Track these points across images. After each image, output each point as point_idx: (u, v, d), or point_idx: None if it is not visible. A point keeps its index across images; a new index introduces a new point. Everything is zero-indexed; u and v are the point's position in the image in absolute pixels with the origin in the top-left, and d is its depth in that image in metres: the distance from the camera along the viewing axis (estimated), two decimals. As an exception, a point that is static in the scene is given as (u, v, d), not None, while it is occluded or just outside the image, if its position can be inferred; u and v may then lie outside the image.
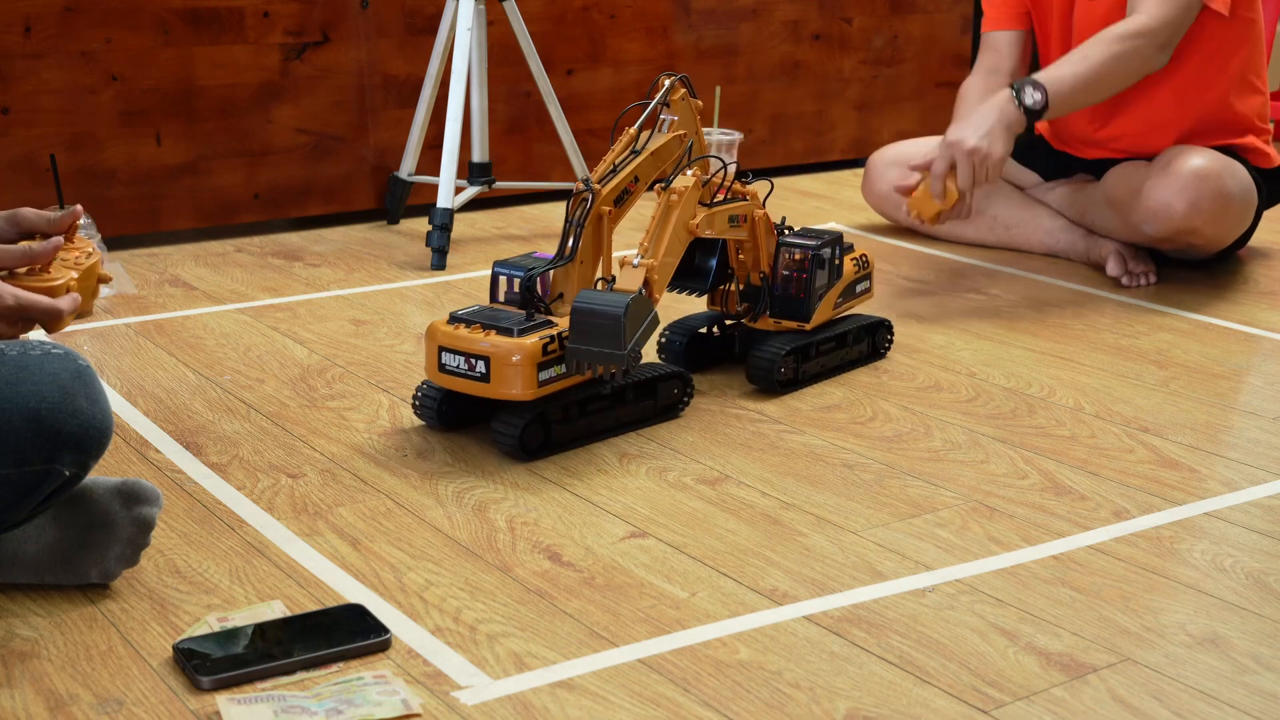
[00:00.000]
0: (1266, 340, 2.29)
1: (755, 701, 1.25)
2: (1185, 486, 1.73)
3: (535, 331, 1.73)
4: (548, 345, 1.73)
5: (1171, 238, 2.50)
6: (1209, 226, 2.47)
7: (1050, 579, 1.49)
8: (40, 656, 1.31)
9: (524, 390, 1.72)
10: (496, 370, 1.72)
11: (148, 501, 1.40)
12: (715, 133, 2.95)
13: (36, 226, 1.47)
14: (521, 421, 1.74)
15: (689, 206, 1.83)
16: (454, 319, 1.78)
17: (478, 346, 1.73)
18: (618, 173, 1.84)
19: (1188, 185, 2.42)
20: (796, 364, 2.01)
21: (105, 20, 2.73)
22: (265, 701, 1.22)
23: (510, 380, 1.72)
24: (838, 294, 2.07)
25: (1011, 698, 1.27)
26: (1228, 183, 2.45)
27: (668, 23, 3.36)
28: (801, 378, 2.02)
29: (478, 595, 1.43)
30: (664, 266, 1.80)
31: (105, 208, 2.77)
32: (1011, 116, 2.36)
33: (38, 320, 1.41)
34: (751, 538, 1.57)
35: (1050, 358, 2.19)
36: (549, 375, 1.74)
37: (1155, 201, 2.45)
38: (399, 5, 3.01)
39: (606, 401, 1.83)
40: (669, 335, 2.07)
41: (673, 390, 1.91)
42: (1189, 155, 2.46)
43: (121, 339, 2.24)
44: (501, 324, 1.74)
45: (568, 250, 1.80)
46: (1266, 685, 1.29)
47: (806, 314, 2.02)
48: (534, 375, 1.72)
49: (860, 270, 2.13)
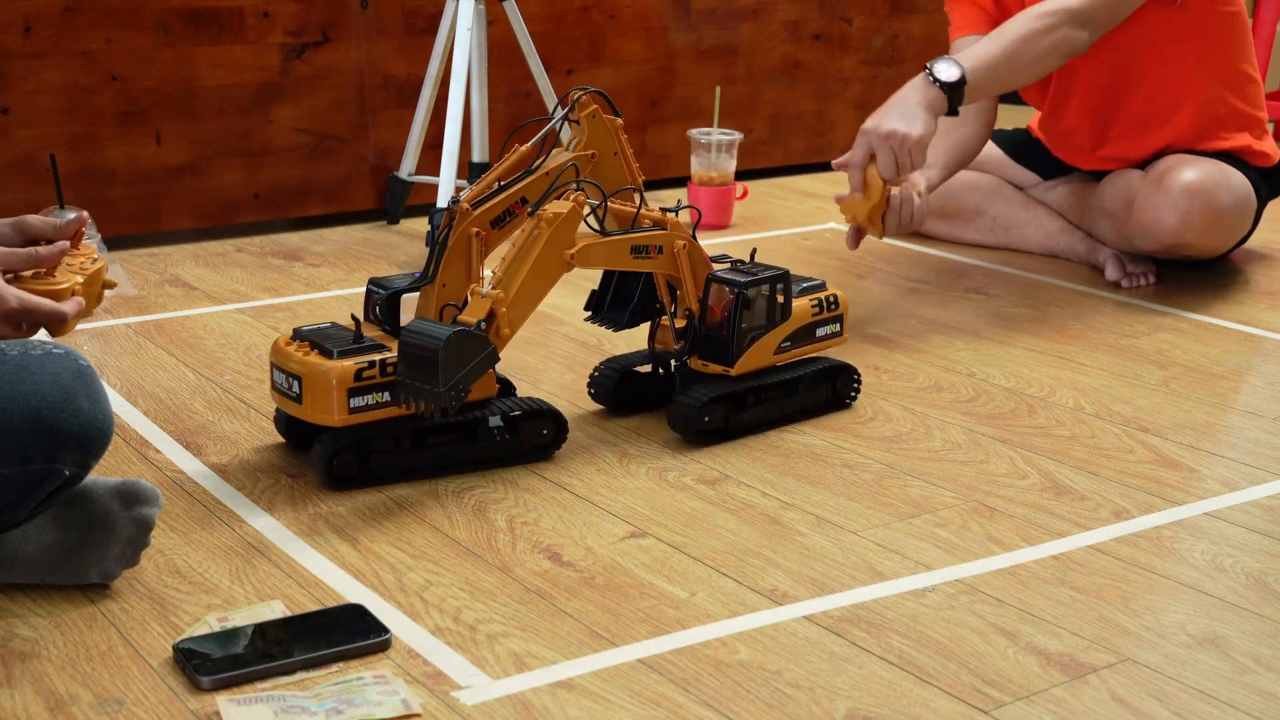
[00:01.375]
0: (1266, 340, 2.29)
1: (755, 701, 1.25)
2: (1185, 486, 1.73)
3: (357, 355, 1.63)
4: (364, 370, 1.62)
5: (1166, 251, 2.50)
6: (1202, 240, 2.46)
7: (1050, 579, 1.49)
8: (40, 656, 1.31)
9: (334, 415, 1.62)
10: (308, 392, 1.63)
11: (147, 502, 1.41)
12: (715, 133, 2.95)
13: (42, 233, 1.47)
14: (335, 446, 1.64)
15: (563, 234, 1.66)
16: (295, 335, 1.69)
17: (293, 365, 1.64)
18: (503, 192, 1.72)
19: (1178, 202, 2.40)
20: (726, 412, 1.82)
21: (105, 20, 2.73)
22: (265, 702, 1.22)
23: (320, 404, 1.62)
24: (782, 337, 1.86)
25: (1011, 698, 1.27)
26: (1220, 197, 2.42)
27: (668, 23, 3.36)
28: (736, 427, 1.84)
29: (478, 595, 1.43)
30: (520, 300, 1.64)
31: (105, 208, 2.77)
32: (929, 95, 2.20)
33: (42, 324, 1.41)
34: (751, 538, 1.57)
35: (1050, 358, 2.19)
36: (365, 402, 1.63)
37: (1147, 217, 2.44)
38: (399, 5, 3.01)
39: (454, 435, 1.71)
40: (600, 372, 1.92)
41: (541, 430, 1.75)
42: (1181, 169, 2.43)
43: (121, 339, 2.24)
44: (327, 344, 1.64)
45: (431, 271, 1.69)
46: (1266, 685, 1.29)
47: (730, 358, 1.83)
48: (344, 400, 1.61)
49: (823, 312, 1.92)
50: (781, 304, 1.86)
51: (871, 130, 2.19)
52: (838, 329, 1.95)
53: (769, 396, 1.87)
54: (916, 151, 2.18)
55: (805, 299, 1.91)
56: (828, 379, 1.93)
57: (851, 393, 1.96)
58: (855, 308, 2.42)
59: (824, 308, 1.92)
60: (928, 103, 2.20)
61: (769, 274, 1.84)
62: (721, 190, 2.99)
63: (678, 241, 1.79)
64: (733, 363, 1.82)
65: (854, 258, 2.76)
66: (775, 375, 1.87)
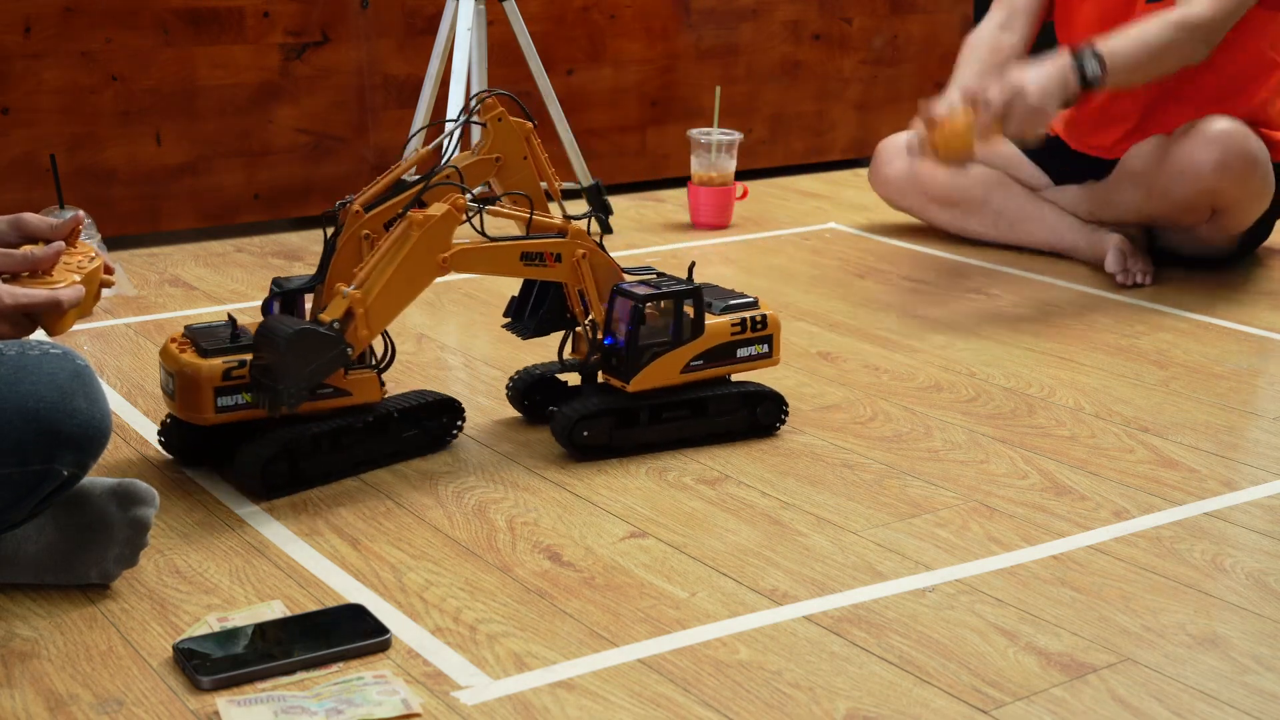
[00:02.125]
0: (1267, 340, 2.29)
1: (755, 701, 1.25)
2: (1185, 486, 1.73)
3: (227, 354, 1.62)
4: (233, 370, 1.61)
5: (1196, 201, 2.49)
6: (1236, 187, 2.46)
7: (1050, 579, 1.49)
8: (40, 656, 1.31)
9: (201, 414, 1.62)
10: (180, 390, 1.63)
11: (143, 502, 1.40)
12: (715, 133, 2.95)
13: (39, 231, 1.47)
14: (267, 454, 1.63)
15: (435, 237, 1.63)
16: (185, 332, 1.69)
17: (169, 363, 1.65)
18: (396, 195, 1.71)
19: (1215, 140, 2.43)
20: (610, 428, 1.76)
21: (105, 20, 2.73)
22: (265, 702, 1.22)
23: (189, 402, 1.62)
24: (692, 355, 1.77)
25: (1011, 698, 1.27)
26: (1253, 144, 2.46)
27: (668, 23, 3.36)
28: (625, 444, 1.77)
29: (478, 595, 1.43)
30: (383, 302, 1.61)
31: (105, 208, 2.76)
32: (1072, 88, 2.32)
33: (38, 317, 1.41)
34: (751, 538, 1.57)
35: (1050, 358, 2.19)
36: (233, 402, 1.62)
37: (1183, 161, 2.45)
38: (399, 5, 3.01)
39: (363, 433, 1.71)
40: (513, 379, 1.89)
41: (441, 419, 1.79)
42: (1213, 118, 2.46)
43: (121, 339, 2.24)
44: (203, 343, 1.63)
45: (319, 272, 1.70)
46: (1266, 685, 1.29)
47: (626, 373, 1.76)
48: (211, 399, 1.61)
49: (745, 331, 1.80)
50: (692, 320, 1.77)
51: (1021, 92, 2.27)
52: (765, 350, 1.83)
53: (670, 416, 1.79)
54: (1040, 126, 2.32)
55: (725, 317, 1.80)
56: (748, 404, 1.83)
57: (777, 423, 1.86)
58: (855, 308, 2.42)
59: (747, 327, 1.81)
60: (1068, 95, 2.33)
61: (676, 289, 1.75)
62: (721, 190, 2.99)
63: (577, 250, 1.74)
64: (628, 378, 1.75)
65: (854, 257, 2.76)
66: (680, 394, 1.78)
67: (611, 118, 3.33)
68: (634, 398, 1.76)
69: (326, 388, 1.65)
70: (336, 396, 1.67)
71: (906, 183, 2.86)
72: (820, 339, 2.26)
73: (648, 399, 1.77)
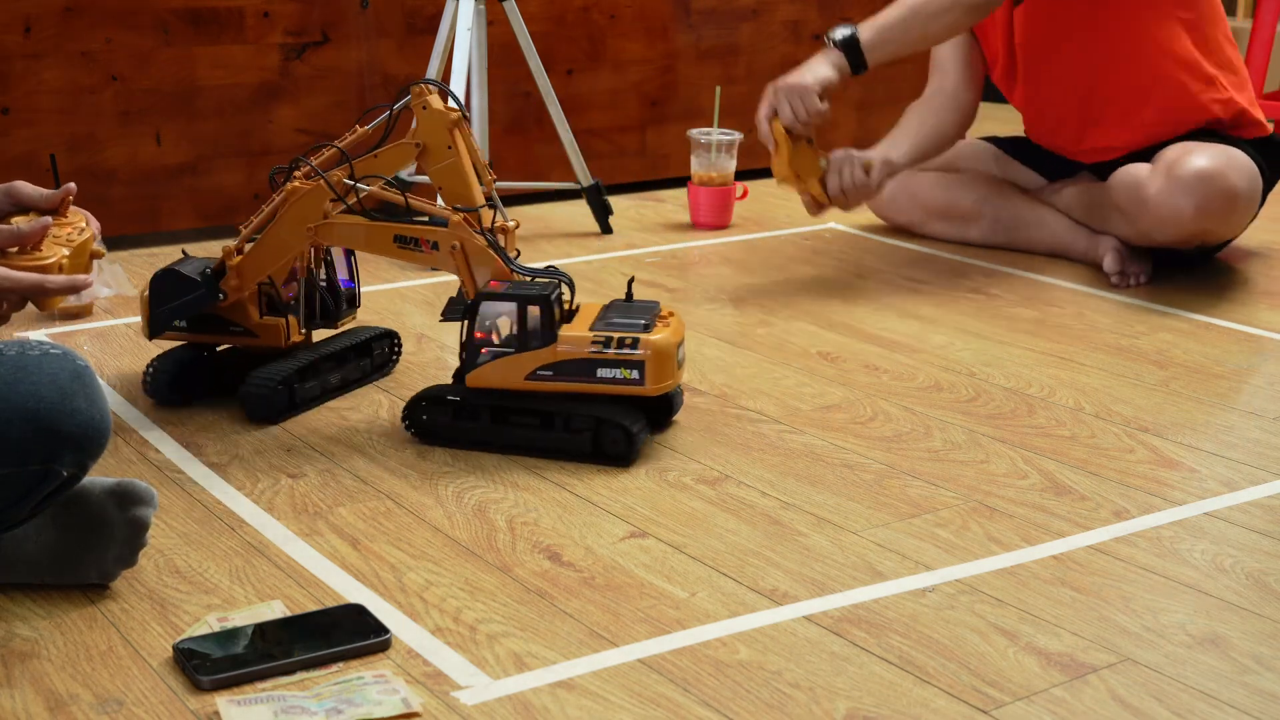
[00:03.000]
0: (1266, 340, 2.29)
1: (755, 701, 1.25)
2: (1185, 486, 1.73)
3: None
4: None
5: (1182, 241, 2.49)
6: (1221, 225, 2.46)
7: (1050, 579, 1.49)
8: (40, 656, 1.31)
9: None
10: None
11: (142, 502, 1.40)
12: (715, 133, 2.95)
13: (32, 200, 1.49)
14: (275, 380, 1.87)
15: (304, 208, 1.83)
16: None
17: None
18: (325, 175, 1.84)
19: (1193, 188, 2.39)
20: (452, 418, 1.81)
21: (105, 20, 2.73)
22: (265, 702, 1.22)
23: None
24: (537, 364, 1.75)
25: (1011, 698, 1.27)
26: (1233, 179, 2.41)
27: (668, 23, 3.36)
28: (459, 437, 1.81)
29: (478, 595, 1.43)
30: (254, 259, 1.87)
31: (105, 208, 2.76)
32: (830, 55, 2.48)
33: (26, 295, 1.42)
34: (751, 538, 1.57)
35: (1050, 358, 2.19)
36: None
37: (1163, 209, 2.42)
38: (399, 5, 3.01)
39: (334, 362, 1.97)
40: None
41: (385, 347, 2.07)
42: (1189, 156, 2.42)
43: (121, 339, 2.24)
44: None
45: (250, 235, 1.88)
46: (1266, 685, 1.29)
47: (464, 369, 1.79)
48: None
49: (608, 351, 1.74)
50: (540, 329, 1.73)
51: (771, 85, 2.47)
52: (635, 375, 1.73)
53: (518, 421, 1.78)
54: (806, 96, 2.45)
55: (589, 333, 1.74)
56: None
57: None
58: (855, 308, 2.42)
59: (611, 346, 1.73)
60: (827, 60, 2.48)
61: (523, 292, 1.73)
62: (721, 190, 2.99)
63: (453, 241, 1.79)
64: (462, 374, 1.78)
65: (854, 257, 2.76)
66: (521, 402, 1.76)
67: (611, 118, 3.33)
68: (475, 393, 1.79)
69: (237, 326, 1.92)
70: (245, 336, 1.93)
71: (902, 199, 2.87)
72: (820, 339, 2.26)
73: (487, 397, 1.78)
